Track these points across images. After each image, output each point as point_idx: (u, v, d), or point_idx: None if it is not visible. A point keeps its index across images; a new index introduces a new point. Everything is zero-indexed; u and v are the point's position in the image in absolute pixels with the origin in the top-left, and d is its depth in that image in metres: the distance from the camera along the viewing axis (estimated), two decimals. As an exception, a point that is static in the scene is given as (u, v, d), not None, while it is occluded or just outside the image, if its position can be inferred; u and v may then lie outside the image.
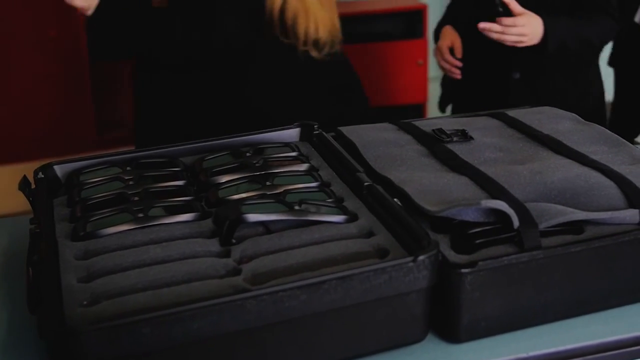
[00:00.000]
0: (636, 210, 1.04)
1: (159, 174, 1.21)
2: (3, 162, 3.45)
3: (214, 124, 1.87)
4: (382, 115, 3.65)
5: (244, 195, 1.12)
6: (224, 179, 1.18)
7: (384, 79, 3.78)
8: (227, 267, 0.96)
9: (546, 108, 1.46)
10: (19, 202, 1.34)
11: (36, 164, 1.30)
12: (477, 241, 0.99)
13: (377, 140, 1.27)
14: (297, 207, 1.05)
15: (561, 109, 1.47)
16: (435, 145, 1.25)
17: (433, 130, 1.29)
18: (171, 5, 1.97)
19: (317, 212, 1.05)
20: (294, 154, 1.27)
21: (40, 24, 3.41)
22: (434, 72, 3.96)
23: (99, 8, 1.86)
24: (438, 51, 2.32)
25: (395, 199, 1.07)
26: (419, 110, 3.88)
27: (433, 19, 3.81)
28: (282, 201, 1.07)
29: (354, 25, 3.79)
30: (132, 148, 1.54)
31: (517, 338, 0.99)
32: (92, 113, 3.69)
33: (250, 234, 1.04)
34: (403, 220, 1.01)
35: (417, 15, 3.78)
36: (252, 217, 1.02)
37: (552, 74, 2.22)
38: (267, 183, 1.15)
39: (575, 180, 1.10)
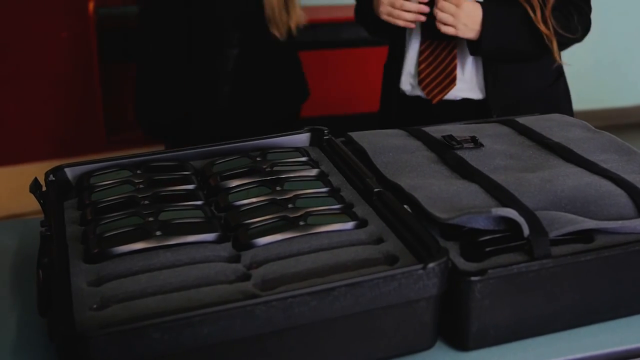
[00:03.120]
0: (647, 220, 1.04)
1: (169, 178, 1.21)
2: (13, 163, 3.46)
3: None
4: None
5: (254, 199, 1.13)
6: (234, 183, 1.18)
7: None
8: (237, 272, 0.97)
9: (556, 115, 1.46)
10: (29, 202, 1.35)
11: (45, 165, 1.31)
12: (487, 249, 0.99)
13: (387, 147, 1.27)
14: (302, 223, 1.05)
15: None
16: (446, 151, 1.25)
17: (443, 136, 1.29)
18: None
19: (324, 224, 1.05)
20: (304, 159, 1.27)
21: (51, 26, 3.42)
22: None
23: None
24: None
25: (405, 206, 1.07)
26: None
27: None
28: (287, 218, 1.07)
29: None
30: (141, 150, 1.54)
31: (526, 346, 0.98)
32: (102, 114, 3.70)
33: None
34: (413, 227, 1.01)
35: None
36: (261, 241, 1.02)
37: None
38: (277, 188, 1.15)
39: (585, 189, 1.10)
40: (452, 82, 1.81)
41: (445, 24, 1.72)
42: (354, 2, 2.02)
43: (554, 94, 1.91)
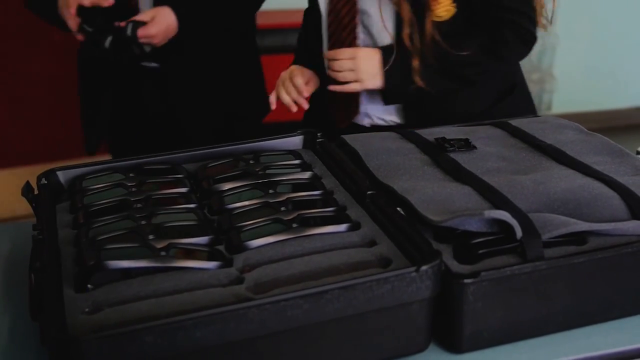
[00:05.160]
0: (639, 222, 1.04)
1: (162, 181, 1.21)
2: (4, 166, 3.45)
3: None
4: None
5: (246, 202, 1.12)
6: (227, 186, 1.18)
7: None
8: (230, 276, 0.96)
9: (550, 117, 1.46)
10: (22, 206, 1.34)
11: (38, 168, 1.30)
12: (480, 251, 0.99)
13: (380, 149, 1.27)
14: (295, 225, 1.05)
15: None
16: (439, 154, 1.25)
17: (436, 139, 1.29)
18: None
19: (317, 226, 1.05)
20: (297, 161, 1.27)
21: (44, 28, 3.42)
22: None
23: None
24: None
25: (398, 208, 1.07)
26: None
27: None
28: (280, 220, 1.06)
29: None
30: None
31: (519, 349, 0.99)
32: (95, 117, 3.69)
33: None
34: (406, 230, 1.01)
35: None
36: (254, 243, 1.02)
37: None
38: (270, 191, 1.15)
39: (578, 191, 1.10)
40: (356, 111, 1.66)
41: (348, 82, 1.56)
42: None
43: (501, 112, 1.60)
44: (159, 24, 1.81)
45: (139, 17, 1.82)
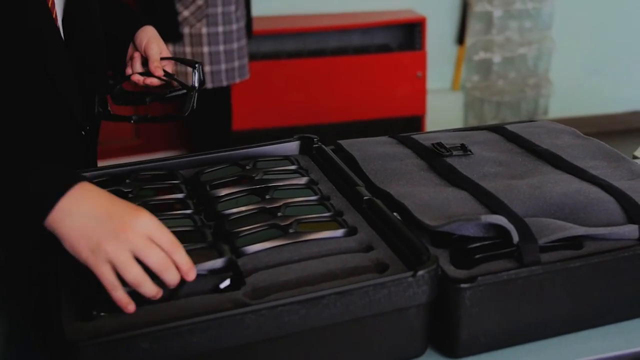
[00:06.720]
0: (635, 226, 1.05)
1: (159, 187, 1.21)
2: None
3: None
4: (380, 128, 3.65)
5: (243, 208, 1.12)
6: (224, 192, 1.18)
7: (383, 91, 3.80)
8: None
9: (545, 122, 1.47)
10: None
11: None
12: (477, 256, 0.99)
13: (376, 154, 1.27)
14: (291, 230, 1.05)
15: None
16: (435, 159, 1.25)
17: (432, 144, 1.29)
18: None
19: (313, 231, 1.05)
20: (293, 167, 1.27)
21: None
22: (432, 84, 3.98)
23: None
24: None
25: (394, 213, 1.08)
26: (417, 122, 3.89)
27: (432, 31, 3.84)
28: (276, 226, 1.07)
29: (354, 37, 3.81)
30: (131, 159, 1.52)
31: (516, 353, 0.99)
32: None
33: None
34: (402, 235, 1.01)
35: (416, 28, 3.80)
36: (251, 249, 1.02)
37: None
38: (267, 196, 1.15)
39: (574, 196, 1.10)
40: None
41: None
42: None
43: None
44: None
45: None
